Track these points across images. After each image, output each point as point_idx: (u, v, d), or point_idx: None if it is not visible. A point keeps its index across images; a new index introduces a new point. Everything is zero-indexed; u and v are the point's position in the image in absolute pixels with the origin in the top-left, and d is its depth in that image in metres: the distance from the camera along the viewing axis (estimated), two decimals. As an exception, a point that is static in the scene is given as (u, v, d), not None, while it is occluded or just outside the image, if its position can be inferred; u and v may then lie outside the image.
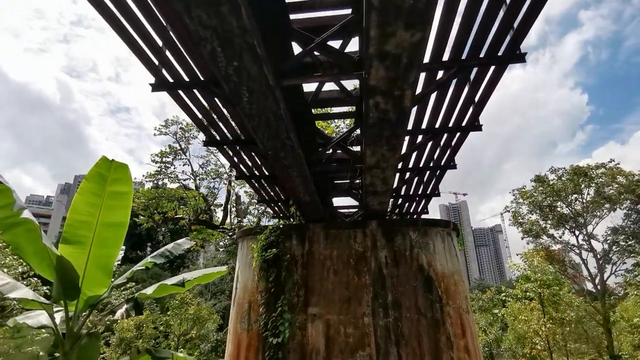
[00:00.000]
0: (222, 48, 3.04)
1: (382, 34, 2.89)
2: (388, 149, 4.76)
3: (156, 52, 4.70)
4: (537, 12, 3.95)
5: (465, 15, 4.02)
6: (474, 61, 4.61)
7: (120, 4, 4.03)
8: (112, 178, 4.75)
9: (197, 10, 2.70)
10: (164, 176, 18.45)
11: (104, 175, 4.69)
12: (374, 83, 3.46)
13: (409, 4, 2.64)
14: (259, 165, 8.09)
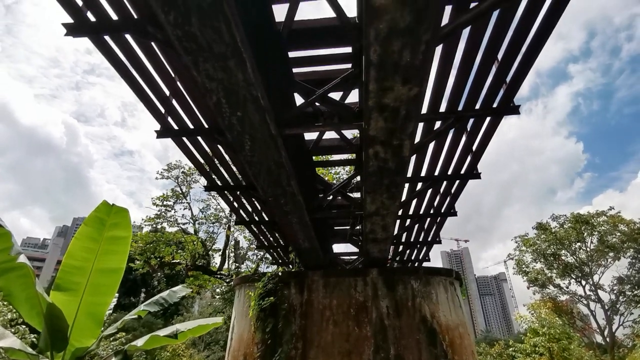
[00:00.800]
0: (227, 99, 3.17)
1: (380, 88, 3.02)
2: (388, 196, 4.78)
3: (163, 101, 4.89)
4: (527, 69, 4.16)
5: (459, 70, 4.22)
6: (470, 112, 4.77)
7: (131, 56, 4.25)
8: (111, 222, 4.73)
9: (205, 64, 2.85)
10: (164, 220, 18.34)
11: (103, 219, 4.67)
12: (373, 133, 3.56)
13: (405, 61, 2.79)
14: (259, 211, 8.07)
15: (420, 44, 2.68)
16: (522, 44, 3.91)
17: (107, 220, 4.75)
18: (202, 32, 2.59)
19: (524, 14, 3.65)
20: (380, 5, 2.40)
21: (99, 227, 4.66)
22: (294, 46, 4.11)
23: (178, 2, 2.39)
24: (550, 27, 3.67)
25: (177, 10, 2.46)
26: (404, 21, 2.51)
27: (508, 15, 3.64)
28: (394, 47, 2.67)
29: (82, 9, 3.63)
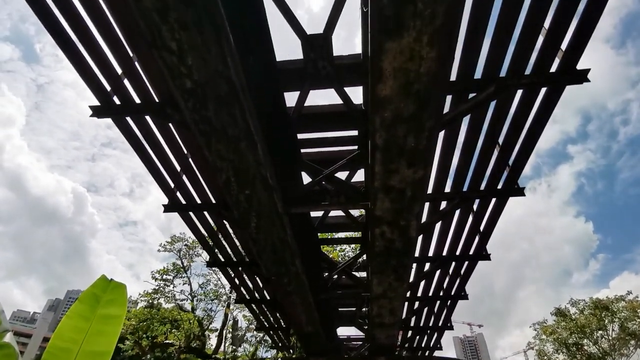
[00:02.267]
0: (237, 178, 3.25)
1: (386, 170, 3.10)
2: (395, 278, 4.61)
3: (173, 177, 5.02)
4: (528, 153, 4.29)
5: (462, 153, 4.36)
6: (474, 193, 4.81)
7: (148, 135, 4.48)
8: (107, 299, 4.51)
9: (218, 145, 2.99)
10: (161, 295, 17.62)
11: (98, 296, 4.47)
12: (379, 213, 3.56)
13: (410, 146, 2.90)
14: (261, 289, 7.76)
15: (424, 131, 2.81)
16: (521, 130, 4.09)
17: (103, 297, 4.54)
18: (218, 117, 2.76)
19: (521, 103, 3.87)
20: (385, 96, 2.57)
21: (92, 304, 4.43)
22: (303, 128, 4.33)
23: (198, 92, 2.59)
24: (547, 114, 3.87)
25: (196, 98, 2.66)
26: (408, 110, 2.67)
27: (505, 105, 3.87)
28: (399, 133, 2.80)
29: (110, 93, 3.94)
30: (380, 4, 2.13)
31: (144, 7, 2.17)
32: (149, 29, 2.28)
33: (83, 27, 3.48)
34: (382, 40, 2.28)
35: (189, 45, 2.33)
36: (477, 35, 3.21)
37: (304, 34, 3.26)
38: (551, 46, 3.38)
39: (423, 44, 2.28)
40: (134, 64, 3.75)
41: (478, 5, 2.95)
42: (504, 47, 3.39)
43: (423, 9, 2.13)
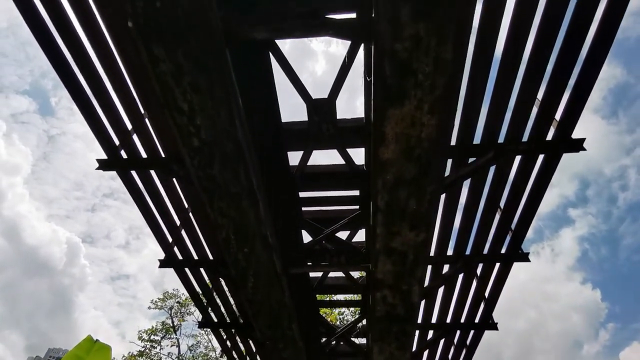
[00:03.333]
0: (236, 235, 3.21)
1: (388, 232, 3.07)
2: (397, 346, 4.34)
3: (172, 231, 4.96)
4: (530, 217, 4.27)
5: (464, 216, 4.34)
6: (477, 257, 4.71)
7: (151, 189, 4.51)
8: (88, 362, 4.23)
9: (220, 202, 2.99)
10: (146, 358, 16.50)
11: (81, 358, 4.20)
12: (380, 276, 3.45)
13: (412, 209, 2.90)
14: (254, 354, 7.27)
15: (426, 194, 2.83)
16: (521, 195, 4.11)
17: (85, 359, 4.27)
18: (222, 175, 2.80)
19: (519, 169, 3.94)
20: (387, 159, 2.63)
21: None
22: (305, 187, 4.37)
23: (204, 150, 2.66)
24: (545, 180, 3.92)
25: (202, 156, 2.71)
26: (410, 174, 2.71)
27: (504, 170, 3.93)
28: (401, 196, 2.82)
29: (118, 147, 4.04)
30: (383, 74, 2.26)
31: (160, 72, 2.31)
32: (163, 91, 2.40)
33: (100, 84, 3.66)
34: (385, 108, 2.38)
35: (199, 107, 2.44)
36: (475, 104, 3.36)
37: (309, 98, 3.42)
38: (545, 116, 3.52)
39: (424, 112, 2.38)
40: (144, 120, 3.90)
41: (475, 77, 3.12)
42: (500, 115, 3.53)
43: (424, 80, 2.26)
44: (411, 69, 2.21)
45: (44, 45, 3.33)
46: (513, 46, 3.06)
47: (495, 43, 3.08)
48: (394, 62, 2.19)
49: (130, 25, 2.16)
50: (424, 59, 2.17)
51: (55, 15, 3.21)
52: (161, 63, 2.27)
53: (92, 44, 3.41)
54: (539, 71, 3.27)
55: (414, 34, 2.09)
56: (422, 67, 2.20)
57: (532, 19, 2.96)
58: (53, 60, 3.44)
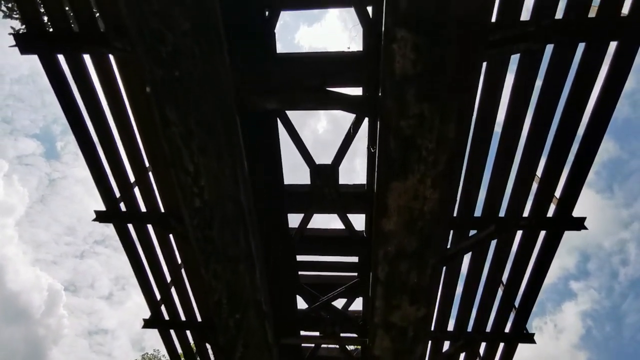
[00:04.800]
0: (229, 300, 3.07)
1: (387, 305, 2.94)
2: None
3: (161, 288, 4.76)
4: (535, 294, 4.12)
5: (465, 290, 4.19)
6: (480, 335, 4.46)
7: (146, 244, 4.40)
8: None
9: (216, 264, 2.90)
10: None
11: None
12: (378, 353, 3.24)
13: (413, 282, 2.81)
14: None
15: (427, 267, 2.75)
16: (524, 272, 4.01)
17: None
18: (221, 236, 2.75)
19: (521, 244, 3.89)
20: (389, 231, 2.60)
21: None
22: (304, 250, 4.28)
23: (205, 211, 2.64)
24: (548, 257, 3.85)
25: (203, 217, 2.69)
26: (411, 246, 2.66)
27: (506, 245, 3.88)
28: (402, 268, 2.74)
29: (118, 200, 4.02)
30: (388, 148, 2.33)
31: (170, 133, 2.37)
32: (171, 151, 2.45)
33: (108, 134, 3.70)
34: (388, 180, 2.41)
35: (205, 169, 2.47)
36: (476, 178, 3.41)
37: (313, 163, 3.48)
38: (545, 193, 3.56)
39: (427, 186, 2.40)
40: (147, 174, 3.92)
41: (476, 152, 3.20)
42: (501, 189, 3.57)
43: (427, 155, 2.31)
44: (415, 145, 2.27)
45: (58, 90, 3.39)
46: (512, 124, 3.18)
47: (495, 121, 3.21)
48: (398, 138, 2.26)
49: (148, 90, 2.26)
50: (427, 136, 2.25)
51: (74, 66, 3.32)
52: (173, 126, 2.33)
53: (107, 95, 3.52)
54: (538, 148, 3.37)
55: (419, 113, 2.18)
56: (425, 143, 2.27)
57: (529, 101, 3.12)
58: (65, 105, 3.49)
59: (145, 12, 2.03)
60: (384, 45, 2.02)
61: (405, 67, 2.06)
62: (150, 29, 2.09)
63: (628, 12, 2.68)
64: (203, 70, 2.17)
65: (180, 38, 2.11)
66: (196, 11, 2.05)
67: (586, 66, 2.81)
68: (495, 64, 2.74)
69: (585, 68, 2.83)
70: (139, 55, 2.23)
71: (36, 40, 3.16)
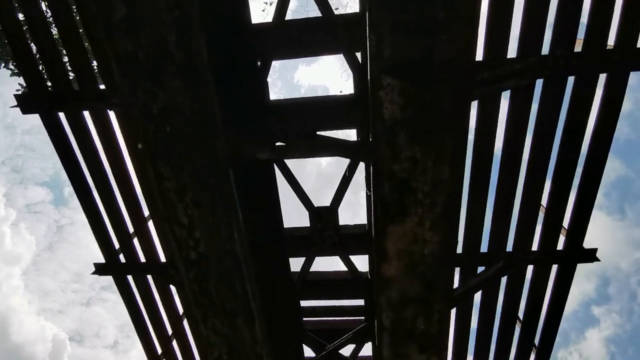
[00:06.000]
0: (229, 356, 2.93)
1: (394, 354, 2.78)
2: None
3: (162, 341, 4.59)
4: (554, 330, 3.90)
5: (479, 331, 3.98)
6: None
7: (145, 294, 4.29)
8: None
9: (214, 319, 2.80)
10: None
11: None
12: (390, 407, 3.03)
13: (420, 329, 2.67)
14: None
15: (434, 313, 2.63)
16: (540, 307, 3.82)
17: None
18: (217, 289, 2.67)
19: (533, 280, 3.73)
20: (390, 276, 2.51)
21: None
22: (307, 296, 4.14)
23: (201, 264, 2.58)
24: (562, 291, 3.67)
25: (199, 269, 2.63)
26: (415, 291, 2.55)
27: (517, 280, 3.72)
28: (407, 315, 2.62)
29: (117, 251, 3.97)
30: (382, 192, 2.29)
31: (164, 189, 2.36)
32: (165, 206, 2.43)
33: (106, 186, 3.70)
34: (385, 224, 2.35)
35: (199, 221, 2.44)
36: (478, 212, 3.32)
37: (311, 206, 3.44)
38: (553, 224, 3.45)
39: (425, 229, 2.34)
40: (147, 224, 3.89)
41: (475, 186, 3.14)
42: (505, 222, 3.47)
43: (423, 198, 2.26)
44: (410, 188, 2.24)
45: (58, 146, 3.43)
46: (510, 155, 3.14)
47: (492, 155, 3.18)
48: (393, 182, 2.23)
49: (140, 147, 2.28)
50: (422, 179, 2.21)
51: (74, 123, 3.38)
52: (166, 181, 2.33)
53: (105, 148, 3.55)
54: (540, 177, 3.29)
55: (412, 157, 2.16)
56: (420, 186, 2.23)
57: (525, 132, 3.09)
58: (64, 159, 3.51)
59: (136, 73, 2.09)
60: (372, 92, 2.04)
61: (394, 112, 2.06)
62: (142, 88, 2.14)
63: (614, 44, 2.71)
64: (194, 125, 2.20)
65: (170, 95, 2.15)
66: (186, 68, 2.11)
67: (578, 98, 2.81)
68: (487, 101, 2.74)
69: (577, 99, 2.83)
70: (131, 111, 2.27)
71: (37, 100, 3.25)
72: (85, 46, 3.19)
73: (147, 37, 1.99)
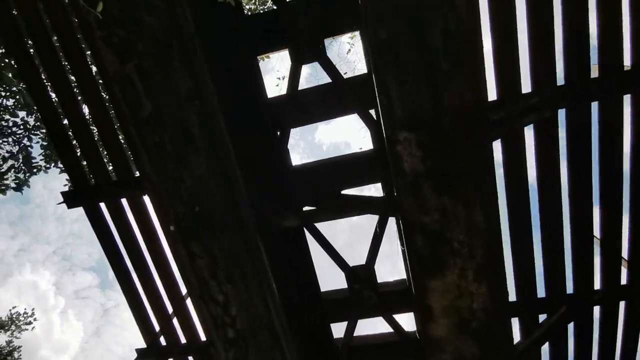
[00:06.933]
0: None
1: None
2: None
3: None
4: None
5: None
6: None
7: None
8: None
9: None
10: None
11: None
12: None
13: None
14: None
15: (496, 376, 2.35)
16: (614, 350, 3.35)
17: None
18: (258, 368, 2.55)
19: (602, 320, 3.32)
20: (439, 337, 2.31)
21: None
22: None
23: (239, 341, 2.50)
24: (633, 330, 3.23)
25: (238, 348, 2.54)
26: (470, 351, 2.32)
27: (586, 324, 3.32)
28: (466, 380, 2.36)
29: (158, 334, 3.95)
30: (415, 246, 2.19)
31: (197, 267, 2.38)
32: (200, 284, 2.43)
33: (146, 271, 3.79)
34: (425, 279, 2.22)
35: (234, 297, 2.41)
36: (526, 257, 3.09)
37: (347, 266, 3.34)
38: (611, 257, 3.14)
39: (469, 281, 2.18)
40: (185, 304, 3.89)
41: (517, 231, 2.94)
42: (559, 262, 3.19)
43: (460, 247, 2.15)
44: (444, 239, 2.14)
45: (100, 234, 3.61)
46: (548, 189, 2.96)
47: (527, 193, 3.01)
48: (424, 234, 2.14)
49: (172, 229, 2.35)
50: (455, 228, 2.11)
51: (114, 211, 3.58)
52: (198, 259, 2.36)
53: (142, 232, 3.69)
54: (586, 206, 3.06)
55: (440, 206, 2.09)
56: (455, 235, 2.13)
57: (558, 162, 2.95)
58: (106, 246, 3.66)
59: (164, 161, 2.23)
60: (389, 148, 2.05)
61: (415, 165, 2.05)
62: (171, 175, 2.26)
63: (630, 64, 2.64)
64: (221, 201, 2.26)
65: (196, 176, 2.26)
66: (209, 149, 2.23)
67: (606, 122, 2.70)
68: (509, 139, 2.68)
69: (606, 123, 2.72)
70: (162, 196, 2.38)
71: (80, 195, 3.50)
72: (120, 139, 3.49)
73: (172, 127, 2.15)
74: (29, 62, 2.94)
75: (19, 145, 6.84)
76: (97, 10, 1.84)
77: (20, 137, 6.85)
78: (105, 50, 2.01)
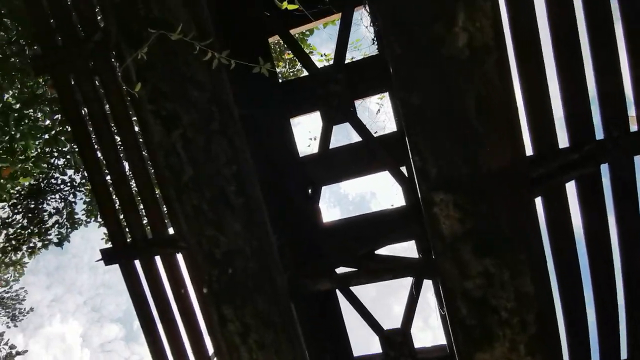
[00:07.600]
0: None
1: None
2: None
3: None
4: None
5: None
6: None
7: None
8: None
9: None
10: None
11: None
12: None
13: None
14: None
15: None
16: None
17: None
18: None
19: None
20: (491, 419, 2.07)
21: None
22: None
23: (269, 417, 2.34)
24: None
25: (268, 423, 2.37)
26: None
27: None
28: None
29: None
30: (459, 314, 2.05)
31: (227, 332, 2.32)
32: (229, 350, 2.35)
33: (175, 331, 3.73)
34: (471, 351, 2.04)
35: (265, 365, 2.30)
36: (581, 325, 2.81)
37: (381, 330, 3.15)
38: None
39: (521, 354, 1.99)
40: None
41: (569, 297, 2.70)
42: (615, 333, 2.87)
43: (509, 317, 1.98)
44: (491, 307, 1.99)
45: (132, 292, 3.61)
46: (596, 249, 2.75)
47: (576, 250, 2.81)
48: (468, 301, 2.01)
49: (205, 291, 2.34)
50: (502, 295, 1.97)
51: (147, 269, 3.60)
52: (229, 323, 2.30)
53: (174, 292, 3.68)
54: None
55: (483, 271, 1.98)
56: (502, 303, 1.98)
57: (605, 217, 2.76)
58: (137, 304, 3.64)
59: (201, 224, 2.27)
60: (425, 210, 2.01)
61: (453, 227, 1.98)
62: (206, 236, 2.29)
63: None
64: (254, 264, 2.25)
65: (232, 238, 2.27)
66: (245, 212, 2.26)
67: (657, 177, 2.54)
68: (552, 196, 2.56)
69: (657, 179, 2.56)
70: (197, 258, 2.40)
71: (117, 253, 3.59)
72: (158, 197, 3.62)
73: (210, 190, 2.22)
74: (82, 126, 3.18)
75: (65, 202, 7.24)
76: (135, 90, 2.02)
77: (67, 194, 7.28)
78: (154, 122, 2.16)
